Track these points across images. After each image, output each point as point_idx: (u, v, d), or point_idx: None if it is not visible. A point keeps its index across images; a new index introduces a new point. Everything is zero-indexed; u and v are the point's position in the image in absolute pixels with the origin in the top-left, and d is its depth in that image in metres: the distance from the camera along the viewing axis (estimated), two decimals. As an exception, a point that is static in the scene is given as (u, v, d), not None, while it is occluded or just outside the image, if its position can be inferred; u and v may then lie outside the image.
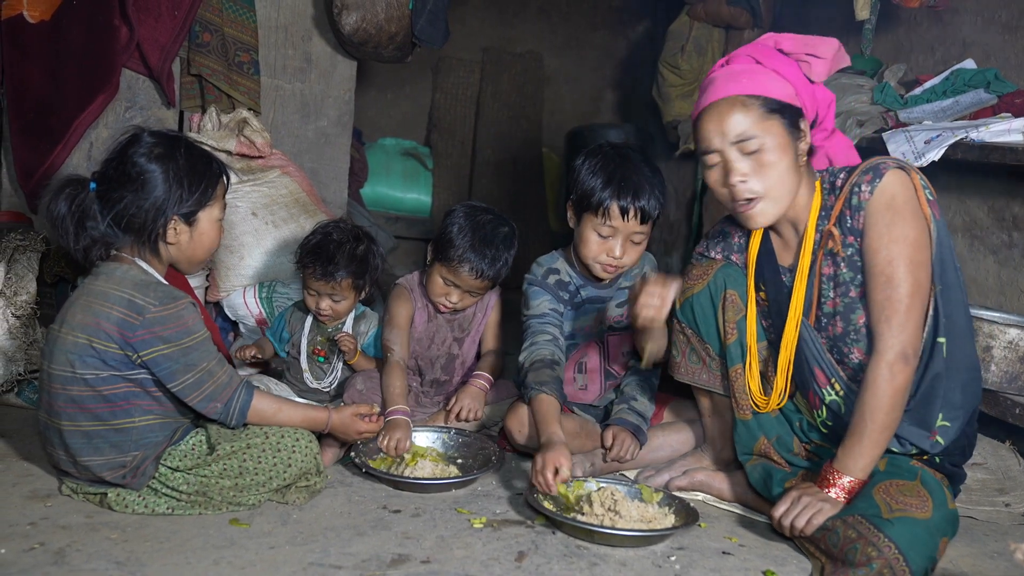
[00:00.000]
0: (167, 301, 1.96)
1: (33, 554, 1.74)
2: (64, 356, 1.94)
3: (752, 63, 2.08)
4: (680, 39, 4.79)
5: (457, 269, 2.60)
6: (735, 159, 2.01)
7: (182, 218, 2.04)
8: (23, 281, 2.71)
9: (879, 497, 1.90)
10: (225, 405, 2.01)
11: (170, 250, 2.07)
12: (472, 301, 2.71)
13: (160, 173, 2.00)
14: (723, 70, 2.09)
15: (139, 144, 2.02)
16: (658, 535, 2.01)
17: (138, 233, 2.01)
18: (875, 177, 1.97)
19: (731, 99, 2.02)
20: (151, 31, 3.17)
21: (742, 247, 2.26)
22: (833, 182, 2.09)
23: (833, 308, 2.07)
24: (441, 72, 5.65)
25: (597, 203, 2.41)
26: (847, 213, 2.01)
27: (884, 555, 1.80)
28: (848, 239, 2.02)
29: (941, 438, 2.02)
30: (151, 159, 2.00)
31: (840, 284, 2.06)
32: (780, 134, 2.01)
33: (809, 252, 2.09)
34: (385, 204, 5.18)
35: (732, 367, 2.21)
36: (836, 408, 2.11)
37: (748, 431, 2.21)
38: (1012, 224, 3.16)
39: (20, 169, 3.17)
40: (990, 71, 3.20)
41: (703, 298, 2.23)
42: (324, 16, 3.54)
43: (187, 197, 2.03)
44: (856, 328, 2.05)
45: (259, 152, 3.21)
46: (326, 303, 2.65)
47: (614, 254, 2.44)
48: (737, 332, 2.20)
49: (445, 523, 2.05)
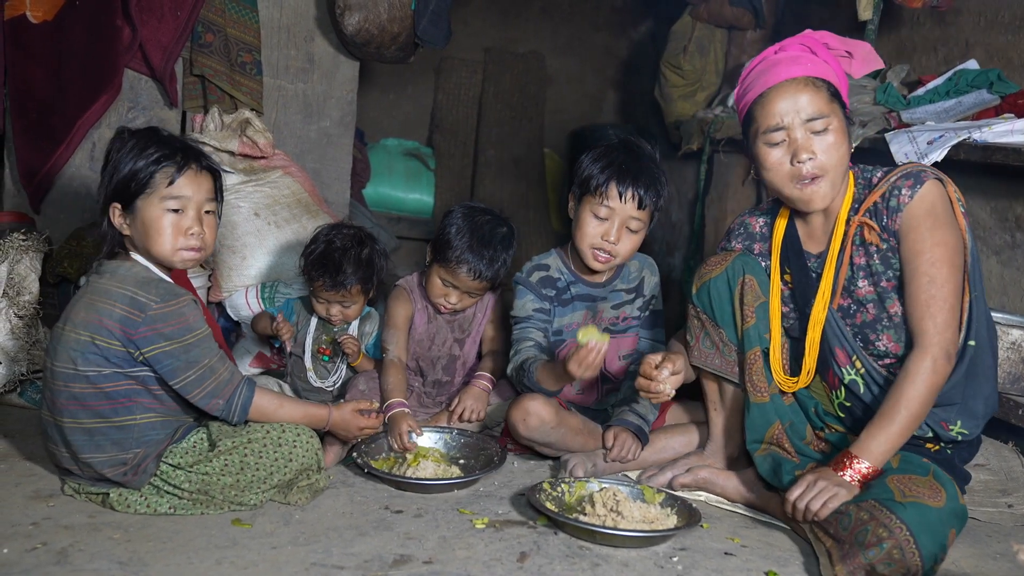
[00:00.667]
0: (168, 298, 1.96)
1: (35, 554, 1.75)
2: (67, 353, 1.95)
3: (807, 51, 2.13)
4: (682, 40, 4.79)
5: (455, 270, 2.60)
6: (805, 136, 2.06)
7: (121, 205, 2.00)
8: (26, 281, 2.72)
9: (893, 485, 1.93)
10: (227, 402, 2.01)
11: (130, 243, 2.04)
12: (471, 302, 2.71)
13: (107, 155, 2.02)
14: (781, 55, 2.14)
15: (118, 132, 2.05)
16: (660, 536, 2.01)
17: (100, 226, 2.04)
18: (916, 183, 2.04)
19: (803, 79, 2.07)
20: (154, 32, 3.17)
21: (765, 235, 2.31)
22: (869, 178, 2.15)
23: (864, 296, 2.12)
24: (443, 72, 5.65)
25: (596, 184, 2.43)
26: (883, 212, 2.07)
27: (895, 536, 1.81)
28: (883, 235, 2.08)
29: (958, 435, 2.09)
30: (112, 142, 2.03)
31: (873, 274, 2.11)
32: (841, 119, 2.09)
33: (839, 240, 2.14)
34: (387, 204, 5.18)
35: (750, 350, 2.22)
36: (855, 388, 2.14)
37: (763, 415, 2.21)
38: (1015, 225, 3.16)
39: (23, 169, 3.17)
40: (993, 72, 3.20)
41: (720, 283, 2.26)
42: (326, 16, 3.54)
43: (113, 181, 1.99)
44: (889, 315, 2.10)
45: (261, 152, 3.21)
46: (336, 309, 2.66)
47: (609, 238, 2.43)
48: (756, 317, 2.22)
49: (447, 523, 2.05)
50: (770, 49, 2.17)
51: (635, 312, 2.62)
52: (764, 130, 2.09)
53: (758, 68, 2.15)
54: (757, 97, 2.11)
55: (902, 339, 2.10)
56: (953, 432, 2.09)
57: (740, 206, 4.35)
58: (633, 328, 2.61)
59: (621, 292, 2.60)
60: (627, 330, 2.60)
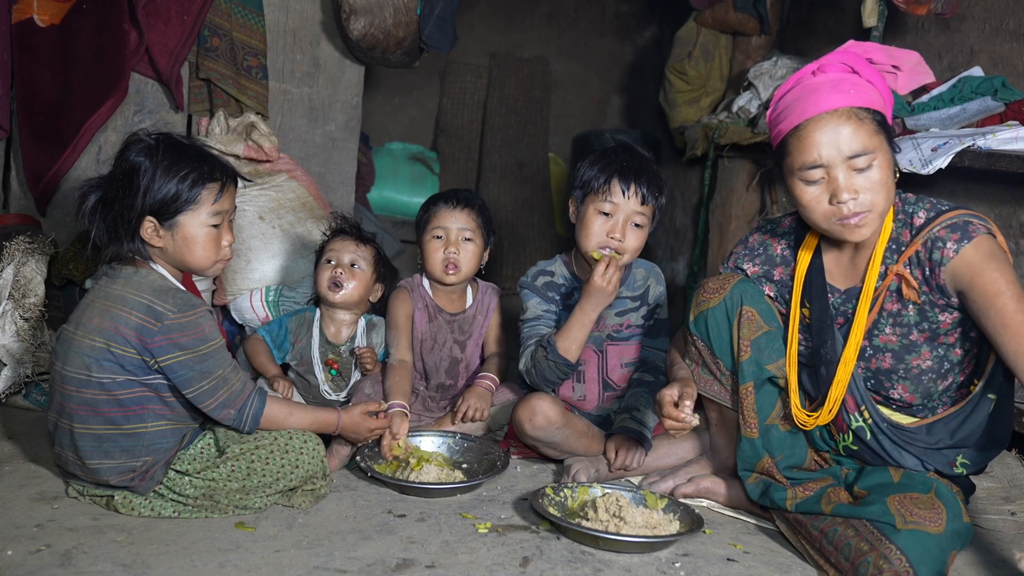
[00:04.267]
0: (186, 309, 1.96)
1: (40, 556, 1.75)
2: (80, 359, 1.95)
3: (848, 71, 1.97)
4: (687, 45, 4.80)
5: (435, 213, 2.69)
6: (847, 176, 1.91)
7: (158, 219, 1.99)
8: (31, 284, 2.72)
9: (894, 507, 1.90)
10: (239, 412, 2.02)
11: (159, 253, 2.02)
12: (470, 254, 2.69)
13: (137, 168, 1.96)
14: (821, 77, 1.97)
15: (134, 140, 2.00)
16: (663, 541, 2.01)
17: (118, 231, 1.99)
18: (963, 238, 1.91)
19: (845, 111, 1.91)
20: (160, 35, 3.18)
21: (787, 259, 2.21)
22: (910, 214, 2.01)
23: (885, 344, 2.06)
24: (448, 77, 5.66)
25: (598, 183, 2.44)
26: (926, 265, 1.96)
27: (895, 567, 1.81)
28: (923, 288, 1.98)
29: (962, 468, 2.08)
30: (136, 154, 1.98)
31: (903, 325, 2.03)
32: (887, 150, 1.94)
33: (874, 279, 2.03)
34: (392, 208, 5.19)
35: (743, 384, 2.17)
36: (862, 435, 2.10)
37: (753, 449, 2.18)
38: (1019, 231, 3.16)
39: (29, 172, 3.18)
40: (997, 79, 3.20)
41: (718, 313, 2.21)
42: (332, 21, 3.55)
43: (152, 199, 1.97)
44: (907, 368, 2.04)
45: (267, 156, 3.22)
46: (342, 270, 2.64)
47: (615, 234, 2.44)
48: (752, 351, 2.16)
49: (450, 528, 2.05)
50: (807, 69, 2.00)
51: (639, 320, 2.62)
52: (801, 167, 1.94)
53: (794, 91, 1.98)
54: (793, 128, 1.95)
55: (918, 391, 2.06)
56: (957, 464, 2.07)
57: (744, 211, 4.35)
58: (636, 336, 2.61)
59: (626, 299, 2.60)
60: (630, 338, 2.60)
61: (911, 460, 2.08)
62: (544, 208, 5.57)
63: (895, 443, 2.08)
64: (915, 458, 2.08)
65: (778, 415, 2.20)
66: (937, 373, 2.05)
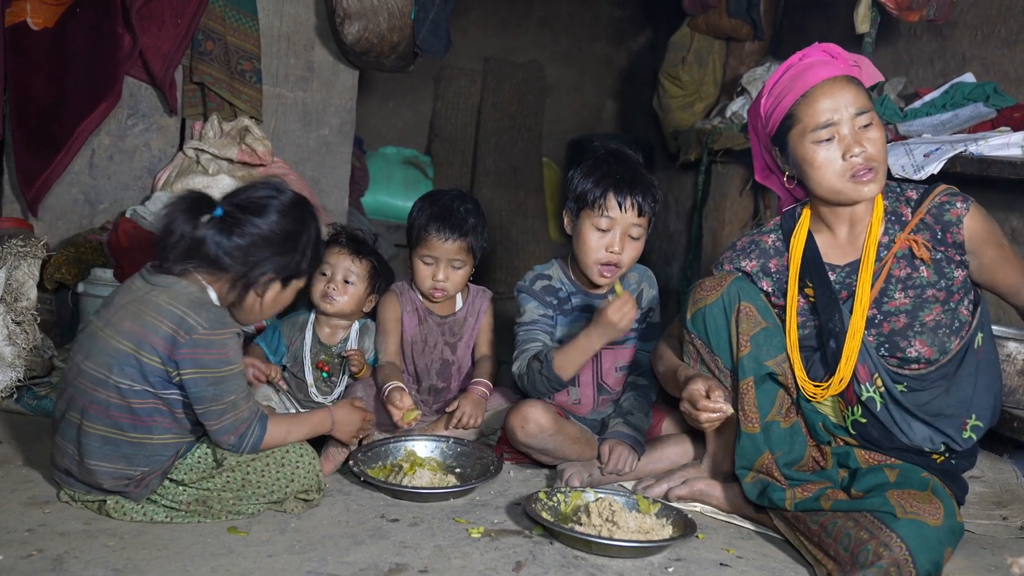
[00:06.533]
0: (217, 327, 1.96)
1: (31, 561, 1.75)
2: (103, 359, 1.94)
3: (829, 57, 2.18)
4: (681, 50, 4.81)
5: (426, 240, 2.64)
6: (854, 131, 2.09)
7: (281, 281, 2.11)
8: (23, 287, 2.72)
9: (894, 500, 1.93)
10: (239, 438, 2.01)
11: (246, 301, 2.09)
12: (458, 277, 2.69)
13: (291, 233, 2.07)
14: (808, 60, 2.17)
15: (281, 196, 2.09)
16: (656, 546, 2.01)
17: (233, 274, 2.03)
18: (964, 199, 2.12)
19: (843, 77, 2.12)
20: (154, 39, 3.18)
21: (779, 249, 2.28)
22: (900, 192, 2.20)
23: (897, 308, 2.14)
24: (442, 81, 5.66)
25: (594, 197, 2.43)
26: (936, 228, 2.12)
27: (894, 554, 1.82)
28: (938, 248, 2.12)
29: (973, 433, 2.12)
30: (287, 217, 2.07)
31: (915, 287, 2.13)
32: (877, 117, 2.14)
33: (873, 251, 2.15)
34: (386, 213, 5.19)
35: (743, 380, 2.18)
36: (871, 406, 2.13)
37: (754, 445, 2.18)
38: (1011, 237, 3.17)
39: (22, 175, 3.18)
40: (989, 85, 3.21)
41: (715, 310, 2.22)
42: (326, 25, 3.55)
43: (299, 267, 2.12)
44: (922, 322, 2.12)
45: (260, 160, 3.23)
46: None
47: (614, 248, 2.44)
48: (751, 346, 2.18)
49: (443, 532, 2.05)
50: (794, 57, 2.21)
51: (633, 324, 2.62)
52: (812, 128, 2.10)
53: (789, 73, 2.18)
54: (799, 97, 2.13)
55: (935, 344, 2.11)
56: (968, 426, 2.12)
57: (738, 216, 4.36)
58: (631, 340, 2.61)
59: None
60: (625, 341, 2.60)
61: (921, 431, 2.11)
62: (538, 213, 5.57)
63: (906, 412, 2.11)
64: (925, 427, 2.10)
65: (778, 411, 2.21)
66: (950, 328, 2.12)
